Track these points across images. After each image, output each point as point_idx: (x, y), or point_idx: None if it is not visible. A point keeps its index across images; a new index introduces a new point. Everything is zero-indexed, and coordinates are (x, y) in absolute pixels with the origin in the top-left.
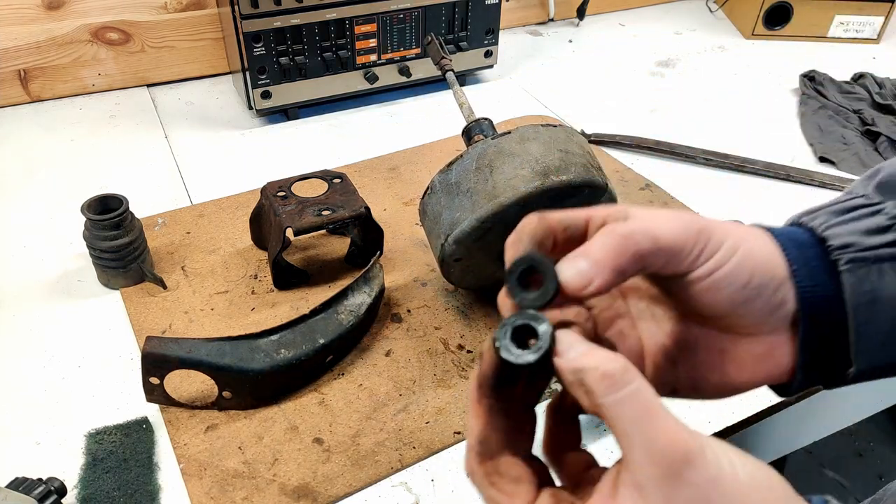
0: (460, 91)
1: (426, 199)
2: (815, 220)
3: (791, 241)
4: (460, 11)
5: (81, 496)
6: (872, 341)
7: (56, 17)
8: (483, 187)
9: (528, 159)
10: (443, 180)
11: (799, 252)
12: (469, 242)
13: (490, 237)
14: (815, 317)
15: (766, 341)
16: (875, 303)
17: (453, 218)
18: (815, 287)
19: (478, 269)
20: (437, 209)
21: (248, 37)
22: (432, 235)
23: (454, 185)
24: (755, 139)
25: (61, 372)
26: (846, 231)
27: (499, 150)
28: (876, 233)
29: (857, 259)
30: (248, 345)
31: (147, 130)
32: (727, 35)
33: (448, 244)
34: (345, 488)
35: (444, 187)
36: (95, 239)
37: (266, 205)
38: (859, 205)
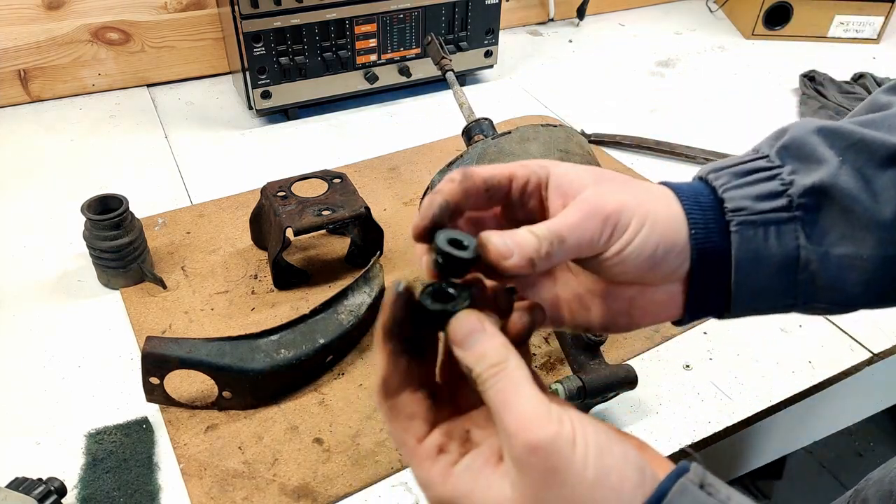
0: (460, 91)
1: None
2: (719, 180)
3: (695, 203)
4: (460, 11)
5: (81, 496)
6: (747, 292)
7: (56, 17)
8: None
9: (528, 159)
10: (442, 179)
11: (701, 214)
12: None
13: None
14: (706, 270)
15: (667, 290)
16: (756, 261)
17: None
18: (707, 244)
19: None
20: None
21: (248, 37)
22: None
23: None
24: (755, 139)
25: (61, 372)
26: (741, 195)
27: (499, 150)
28: (768, 198)
29: (747, 222)
30: (248, 345)
31: (147, 130)
32: (727, 35)
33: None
34: (345, 488)
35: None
36: (95, 239)
37: (266, 205)
38: (759, 167)
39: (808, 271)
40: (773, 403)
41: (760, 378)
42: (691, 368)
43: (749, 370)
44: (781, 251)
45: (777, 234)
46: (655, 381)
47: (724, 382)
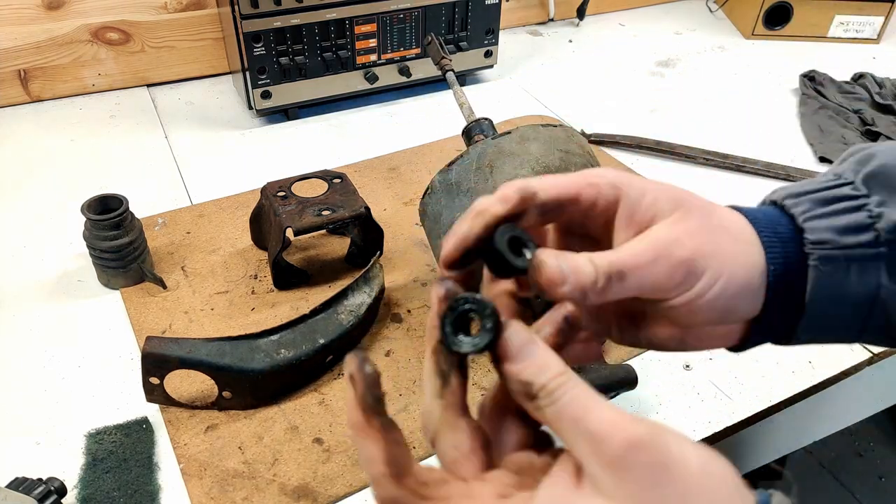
0: (460, 91)
1: (426, 200)
2: (798, 207)
3: (775, 234)
4: (460, 11)
5: (81, 496)
6: (816, 327)
7: (56, 17)
8: (483, 187)
9: (529, 159)
10: (443, 180)
11: (780, 248)
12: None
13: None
14: (777, 305)
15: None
16: (832, 299)
17: (453, 218)
18: (784, 279)
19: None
20: (438, 209)
21: (248, 37)
22: (433, 235)
23: (454, 184)
24: (755, 139)
25: (61, 372)
26: (824, 226)
27: (499, 150)
28: (853, 231)
29: (828, 258)
30: (248, 345)
31: (147, 130)
32: (727, 35)
33: None
34: (345, 488)
35: (445, 187)
36: (95, 239)
37: (266, 205)
38: (843, 195)
39: (884, 309)
40: (773, 403)
41: (760, 378)
42: (691, 368)
43: (749, 370)
44: (862, 290)
45: (859, 271)
46: (655, 381)
47: (724, 382)
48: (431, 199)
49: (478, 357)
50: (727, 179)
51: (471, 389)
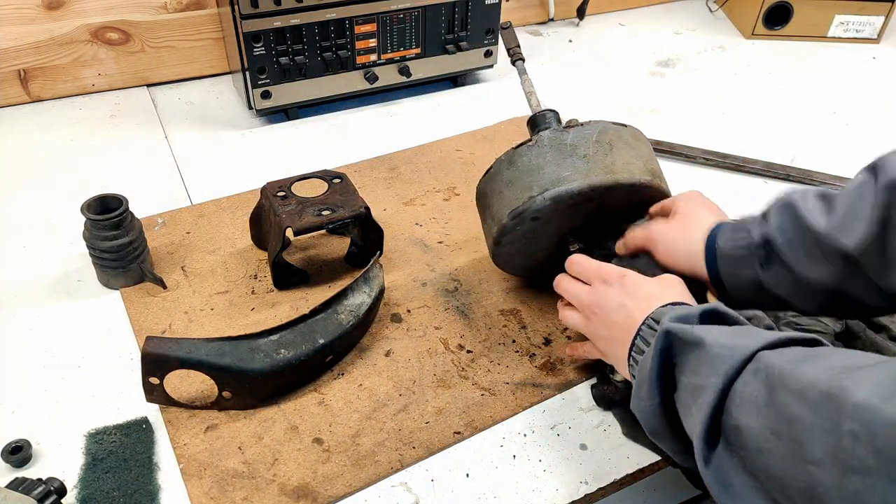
0: (529, 80)
1: (523, 150)
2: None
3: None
4: (460, 11)
5: (81, 496)
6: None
7: (56, 17)
8: (602, 159)
9: (641, 155)
10: (555, 138)
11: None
12: (564, 205)
13: (583, 209)
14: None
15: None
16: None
17: (559, 175)
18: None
19: (534, 247)
20: (539, 162)
21: (248, 37)
22: (515, 186)
23: (570, 146)
24: (755, 139)
25: (61, 372)
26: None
27: (618, 135)
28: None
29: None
30: (248, 345)
31: (147, 130)
32: (727, 35)
33: (543, 197)
34: (345, 488)
35: (556, 145)
36: (95, 239)
37: (266, 205)
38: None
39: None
40: None
41: None
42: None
43: None
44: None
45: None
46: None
47: None
48: (532, 151)
49: (478, 358)
50: (727, 179)
51: (470, 389)
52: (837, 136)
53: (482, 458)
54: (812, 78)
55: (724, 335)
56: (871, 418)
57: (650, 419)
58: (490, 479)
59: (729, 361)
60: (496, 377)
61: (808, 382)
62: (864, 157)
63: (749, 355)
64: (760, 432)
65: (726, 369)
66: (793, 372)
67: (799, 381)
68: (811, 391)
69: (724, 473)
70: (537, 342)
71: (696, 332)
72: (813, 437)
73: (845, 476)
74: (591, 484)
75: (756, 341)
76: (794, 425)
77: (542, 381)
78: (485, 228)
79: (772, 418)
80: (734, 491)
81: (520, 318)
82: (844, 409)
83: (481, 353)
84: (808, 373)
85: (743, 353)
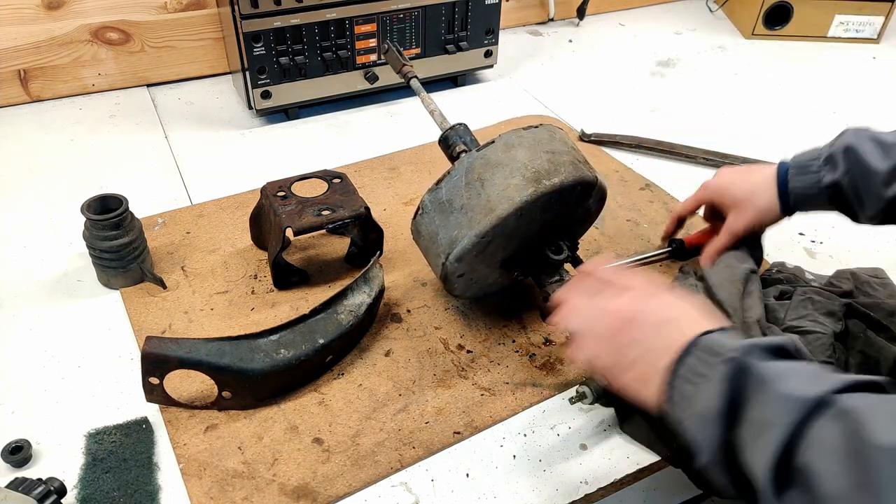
0: (428, 98)
1: (419, 220)
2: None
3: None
4: (460, 11)
5: (81, 496)
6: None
7: (56, 17)
8: (477, 202)
9: (517, 167)
10: (434, 199)
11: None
12: (470, 258)
13: (491, 249)
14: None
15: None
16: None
17: (451, 236)
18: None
19: (481, 279)
20: (433, 229)
21: (248, 37)
22: (430, 254)
23: (446, 202)
24: (755, 139)
25: (61, 372)
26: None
27: (486, 162)
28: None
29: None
30: (248, 345)
31: (147, 130)
32: (727, 35)
33: (450, 262)
34: (344, 488)
35: (437, 206)
36: (95, 239)
37: (266, 205)
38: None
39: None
40: None
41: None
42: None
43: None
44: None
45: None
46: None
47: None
48: (424, 219)
49: (477, 359)
50: None
51: (470, 389)
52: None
53: (482, 458)
54: (812, 78)
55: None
56: None
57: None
58: (490, 479)
59: (803, 402)
60: (496, 377)
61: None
62: None
63: (824, 397)
64: (840, 482)
65: (801, 409)
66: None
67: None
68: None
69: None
70: (537, 342)
71: (768, 368)
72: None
73: None
74: (591, 484)
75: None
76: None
77: (541, 381)
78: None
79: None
80: None
81: (520, 318)
82: None
83: (481, 353)
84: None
85: (819, 394)
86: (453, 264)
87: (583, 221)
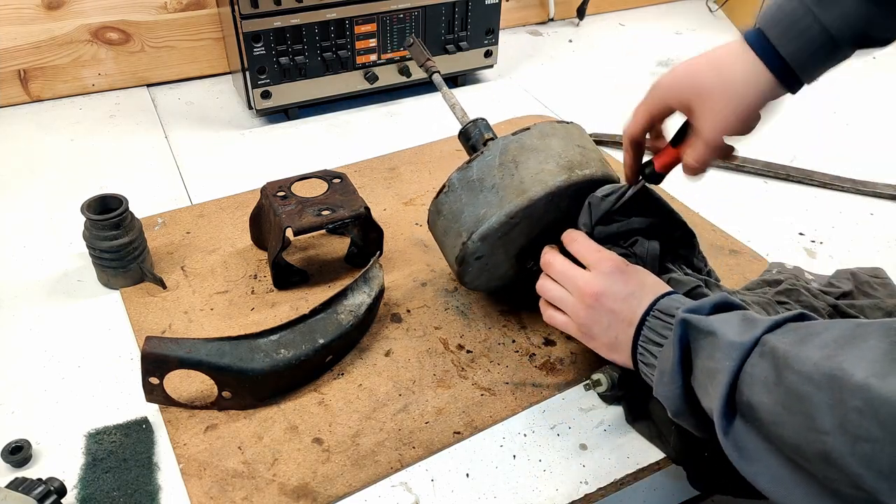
0: (450, 93)
1: (442, 198)
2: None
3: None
4: (460, 11)
5: (81, 496)
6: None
7: (56, 17)
8: (510, 182)
9: (552, 154)
10: (462, 178)
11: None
12: (494, 239)
13: (515, 233)
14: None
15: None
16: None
17: (478, 214)
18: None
19: (494, 268)
20: (458, 206)
21: (248, 37)
22: (449, 234)
23: (476, 181)
24: (755, 139)
25: (61, 372)
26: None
27: (521, 146)
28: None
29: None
30: (247, 345)
31: (147, 130)
32: (727, 35)
33: (472, 241)
34: (344, 488)
35: (465, 185)
36: (95, 239)
37: (266, 205)
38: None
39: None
40: None
41: None
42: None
43: None
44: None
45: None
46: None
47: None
48: (449, 198)
49: (478, 359)
50: (727, 179)
51: (470, 389)
52: (837, 136)
53: (482, 458)
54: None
55: (733, 323)
56: (871, 396)
57: (674, 402)
58: (490, 479)
59: (739, 346)
60: (496, 377)
61: (811, 365)
62: (864, 156)
63: (755, 339)
64: (773, 408)
65: (737, 353)
66: (797, 354)
67: (803, 362)
68: (815, 373)
69: (741, 442)
70: (537, 342)
71: (709, 322)
72: (822, 412)
73: (856, 443)
74: (591, 484)
75: (760, 327)
76: (804, 402)
77: (541, 381)
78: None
79: (782, 396)
80: (751, 455)
81: (520, 318)
82: (846, 388)
83: (481, 353)
84: (809, 355)
85: (751, 338)
86: (476, 243)
87: None
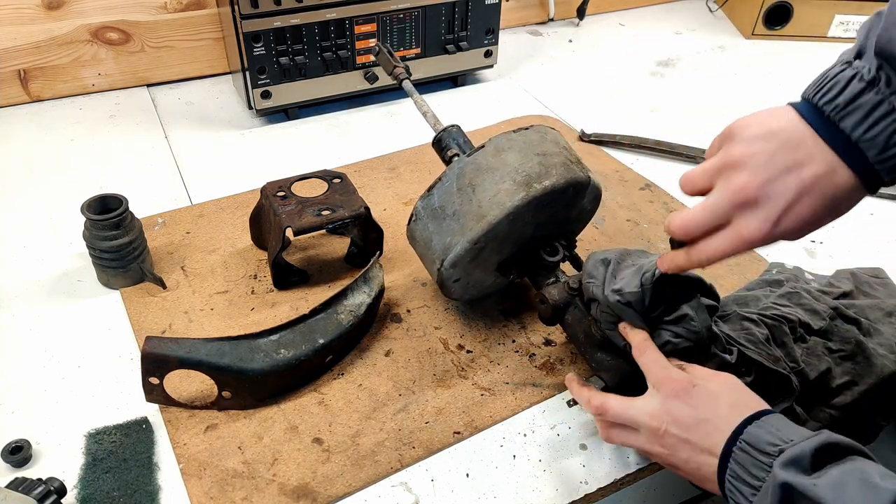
0: (421, 99)
1: (413, 227)
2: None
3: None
4: (460, 11)
5: (81, 496)
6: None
7: (56, 17)
8: (469, 208)
9: (508, 171)
10: (426, 206)
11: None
12: (465, 263)
13: (485, 254)
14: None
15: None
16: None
17: (444, 243)
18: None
19: (478, 283)
20: (427, 235)
21: (248, 37)
22: (426, 260)
23: (439, 209)
24: None
25: (61, 372)
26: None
27: (476, 167)
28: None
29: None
30: (247, 345)
31: (147, 130)
32: (727, 35)
33: (445, 268)
34: (344, 488)
35: (429, 213)
36: (95, 239)
37: (266, 205)
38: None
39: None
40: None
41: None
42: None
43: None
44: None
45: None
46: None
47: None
48: (418, 226)
49: (477, 359)
50: None
51: (470, 389)
52: None
53: (482, 458)
54: (812, 78)
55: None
56: None
57: None
58: (490, 479)
59: None
60: (496, 377)
61: None
62: None
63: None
64: None
65: None
66: None
67: None
68: None
69: None
70: (537, 342)
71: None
72: None
73: None
74: (590, 484)
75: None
76: None
77: (541, 381)
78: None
79: None
80: None
81: (520, 318)
82: None
83: (481, 353)
84: None
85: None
86: (448, 270)
87: (578, 221)
